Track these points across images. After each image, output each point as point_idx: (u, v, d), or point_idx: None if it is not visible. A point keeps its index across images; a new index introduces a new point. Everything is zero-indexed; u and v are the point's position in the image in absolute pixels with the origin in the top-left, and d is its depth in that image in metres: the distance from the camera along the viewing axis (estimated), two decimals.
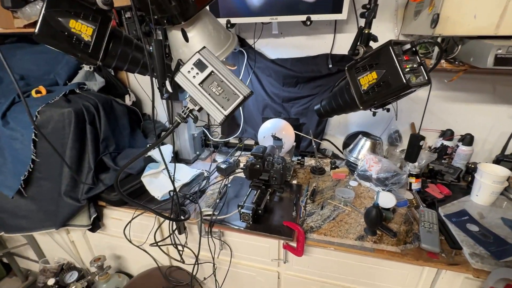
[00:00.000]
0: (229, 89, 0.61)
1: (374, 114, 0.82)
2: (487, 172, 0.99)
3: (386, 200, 0.99)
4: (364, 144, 1.27)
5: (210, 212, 0.96)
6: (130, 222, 1.09)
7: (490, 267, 0.77)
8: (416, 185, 1.13)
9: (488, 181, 0.99)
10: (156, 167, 1.20)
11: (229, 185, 1.17)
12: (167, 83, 0.69)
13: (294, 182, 1.21)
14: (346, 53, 1.29)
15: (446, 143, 1.24)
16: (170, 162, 1.33)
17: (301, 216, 0.98)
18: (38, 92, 1.18)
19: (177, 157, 1.47)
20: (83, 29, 0.68)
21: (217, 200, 1.06)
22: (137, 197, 1.12)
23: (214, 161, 1.47)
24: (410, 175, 1.13)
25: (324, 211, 1.01)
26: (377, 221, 0.85)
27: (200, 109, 0.66)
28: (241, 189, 1.15)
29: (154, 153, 1.22)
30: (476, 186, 1.05)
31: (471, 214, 0.98)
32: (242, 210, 0.85)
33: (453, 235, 0.89)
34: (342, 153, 1.44)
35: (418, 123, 1.32)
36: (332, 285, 1.02)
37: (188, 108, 0.67)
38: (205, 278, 1.17)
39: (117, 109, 1.27)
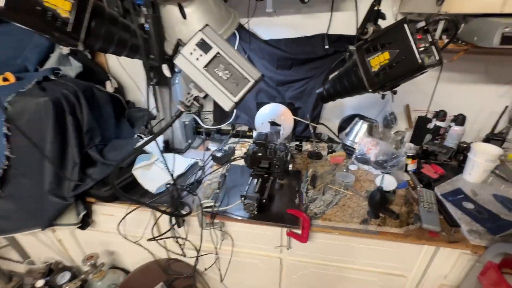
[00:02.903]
0: (238, 73, 0.55)
1: (383, 97, 0.80)
2: (481, 151, 1.02)
3: (387, 182, 1.00)
4: (361, 127, 1.26)
5: (211, 204, 0.92)
6: (123, 218, 1.03)
7: (487, 242, 0.81)
8: (412, 166, 1.15)
9: (481, 159, 1.02)
10: (148, 159, 1.13)
11: (226, 174, 1.13)
12: (165, 67, 0.61)
13: (291, 167, 1.19)
14: (344, 33, 1.27)
15: (439, 123, 1.26)
16: (161, 152, 1.26)
17: (304, 202, 0.97)
18: (5, 79, 1.04)
19: (168, 147, 1.39)
20: (60, 3, 0.58)
21: (217, 190, 1.02)
22: (129, 191, 1.05)
23: (207, 149, 1.42)
24: (407, 156, 1.14)
25: (326, 196, 1.01)
26: (381, 204, 0.85)
27: (206, 96, 0.60)
28: (240, 178, 1.11)
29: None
30: (469, 165, 1.08)
31: (466, 192, 1.01)
32: (246, 201, 0.82)
33: (451, 213, 0.92)
34: (338, 137, 1.44)
35: (413, 104, 1.33)
36: (334, 267, 1.04)
37: (192, 95, 0.60)
38: (206, 269, 1.15)
39: (99, 97, 1.16)
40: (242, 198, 0.86)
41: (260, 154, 0.86)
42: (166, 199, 0.99)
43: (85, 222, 1.12)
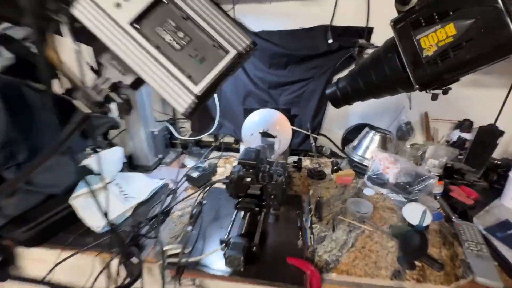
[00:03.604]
0: (205, 37, 0.29)
1: (434, 97, 0.56)
2: None
3: (418, 214, 0.75)
4: (373, 139, 1.02)
5: (178, 251, 0.64)
6: (52, 270, 0.72)
7: None
8: (439, 188, 0.92)
9: None
10: (95, 182, 0.83)
11: (204, 201, 0.85)
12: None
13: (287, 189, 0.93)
14: (351, 24, 1.04)
15: (463, 135, 1.05)
16: (121, 171, 0.97)
17: (309, 244, 0.70)
18: None
19: (131, 163, 1.10)
20: None
21: (189, 228, 0.74)
22: (65, 229, 0.75)
23: (183, 166, 1.13)
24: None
25: (338, 233, 0.75)
26: (422, 251, 0.60)
27: (138, 83, 0.34)
28: (222, 207, 0.84)
29: (91, 161, 0.85)
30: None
31: None
32: (229, 253, 0.55)
33: (506, 258, 0.68)
34: (342, 151, 1.19)
35: (432, 112, 1.11)
36: None
37: (108, 79, 0.34)
38: None
39: (31, 99, 0.86)
40: (223, 246, 0.59)
41: (248, 179, 0.59)
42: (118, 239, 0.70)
43: (3, 272, 0.80)
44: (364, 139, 1.05)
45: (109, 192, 0.85)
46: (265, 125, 0.78)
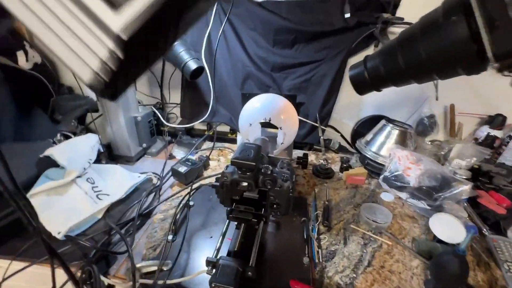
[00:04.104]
0: None
1: None
2: None
3: (447, 228, 0.62)
4: (390, 134, 0.88)
5: (154, 269, 0.51)
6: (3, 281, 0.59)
7: None
8: (465, 194, 0.79)
9: None
10: (60, 177, 0.69)
11: (191, 203, 0.72)
12: None
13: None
14: None
15: (494, 133, 0.91)
16: (96, 162, 0.83)
17: (317, 261, 0.58)
18: None
19: (110, 154, 0.95)
20: None
21: (170, 237, 0.60)
22: (19, 234, 0.62)
23: (171, 157, 0.99)
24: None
25: (350, 247, 0.62)
26: (461, 280, 0.48)
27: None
28: (213, 210, 0.70)
29: (56, 151, 0.70)
30: None
31: None
32: (216, 281, 0.41)
33: None
34: (352, 146, 1.06)
35: (459, 105, 0.97)
36: None
37: None
38: None
39: None
40: (209, 268, 0.46)
41: (245, 184, 0.45)
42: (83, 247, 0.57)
43: None
44: (379, 133, 0.91)
45: (77, 188, 0.71)
46: (267, 114, 0.64)
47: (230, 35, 0.94)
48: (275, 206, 0.49)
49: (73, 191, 0.70)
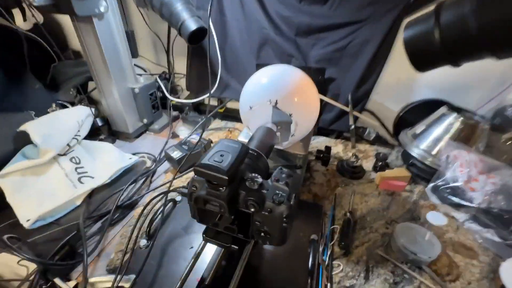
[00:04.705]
0: None
1: None
2: None
3: None
4: (452, 127, 0.64)
5: (108, 285, 0.41)
6: None
7: None
8: None
9: None
10: (34, 155, 0.61)
11: (178, 198, 0.60)
12: None
13: (306, 195, 0.63)
14: None
15: None
16: (90, 138, 0.75)
17: None
18: None
19: (110, 129, 0.87)
20: None
21: (142, 242, 0.49)
22: None
23: (175, 135, 0.88)
24: None
25: (374, 285, 0.45)
26: None
27: None
28: None
29: (32, 126, 0.62)
30: None
31: None
32: None
33: None
34: (393, 137, 0.83)
35: None
36: None
37: None
38: None
39: None
40: None
41: (215, 206, 0.31)
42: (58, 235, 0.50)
43: None
44: (436, 124, 0.67)
45: (58, 169, 0.63)
46: (274, 94, 0.45)
47: None
48: (263, 234, 0.34)
49: (52, 172, 0.62)
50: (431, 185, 0.62)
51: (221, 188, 0.31)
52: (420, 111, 0.76)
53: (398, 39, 0.70)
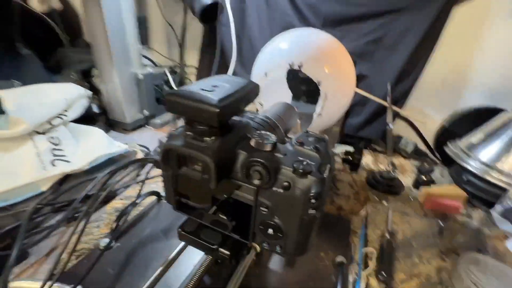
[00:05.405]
0: None
1: None
2: None
3: None
4: None
5: None
6: None
7: None
8: None
9: None
10: (5, 127, 0.51)
11: (163, 194, 0.47)
12: None
13: (329, 207, 0.48)
14: None
15: None
16: (72, 121, 0.65)
17: None
18: None
19: (107, 118, 0.78)
20: None
21: (103, 241, 0.36)
22: None
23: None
24: None
25: None
26: None
27: None
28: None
29: (7, 93, 0.53)
30: None
31: None
32: None
33: None
34: (435, 153, 0.68)
35: None
36: None
37: None
38: None
39: None
40: None
41: (196, 168, 0.18)
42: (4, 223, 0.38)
43: None
44: (501, 132, 0.53)
45: (30, 146, 0.52)
46: (296, 56, 0.34)
47: None
48: (272, 232, 0.20)
49: (23, 149, 0.52)
50: (499, 207, 0.46)
51: (207, 138, 0.18)
52: (471, 121, 0.62)
53: (447, 31, 0.59)
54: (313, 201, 0.18)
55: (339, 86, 0.37)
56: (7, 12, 0.72)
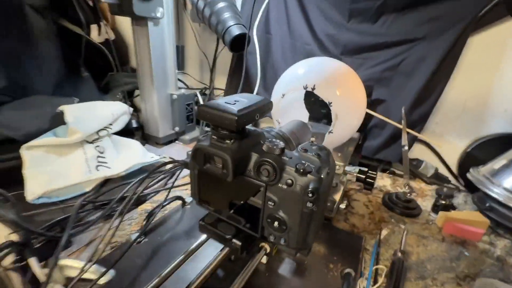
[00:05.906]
0: None
1: None
2: None
3: None
4: None
5: (75, 273, 0.32)
6: None
7: None
8: None
9: None
10: (63, 135, 0.61)
11: (188, 199, 0.52)
12: None
13: (343, 225, 0.50)
14: None
15: None
16: (114, 133, 0.74)
17: None
18: None
19: (143, 133, 0.87)
20: None
21: (133, 236, 0.41)
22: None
23: None
24: None
25: None
26: None
27: None
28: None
29: (69, 107, 0.64)
30: None
31: None
32: None
33: None
34: (457, 178, 0.67)
35: None
36: None
37: None
38: None
39: (32, 20, 0.71)
40: None
41: (218, 165, 0.23)
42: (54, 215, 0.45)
43: None
44: None
45: (81, 153, 0.61)
46: (310, 79, 0.39)
47: (293, 6, 0.74)
48: (277, 225, 0.24)
49: (75, 155, 0.61)
50: None
51: (227, 141, 0.23)
52: (494, 148, 0.61)
53: (466, 58, 0.61)
54: (310, 195, 0.21)
55: (349, 107, 0.41)
56: (76, 44, 0.87)
